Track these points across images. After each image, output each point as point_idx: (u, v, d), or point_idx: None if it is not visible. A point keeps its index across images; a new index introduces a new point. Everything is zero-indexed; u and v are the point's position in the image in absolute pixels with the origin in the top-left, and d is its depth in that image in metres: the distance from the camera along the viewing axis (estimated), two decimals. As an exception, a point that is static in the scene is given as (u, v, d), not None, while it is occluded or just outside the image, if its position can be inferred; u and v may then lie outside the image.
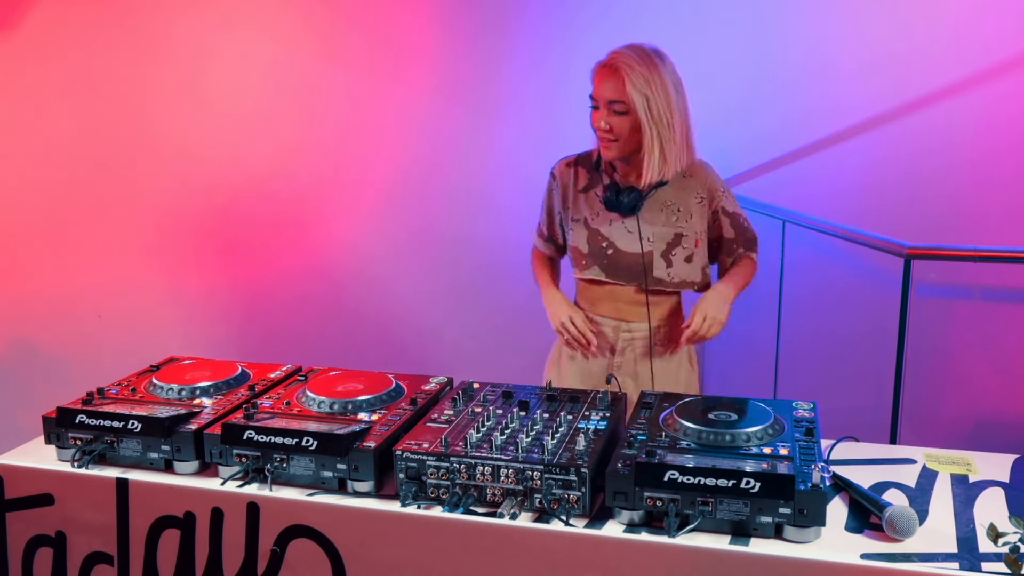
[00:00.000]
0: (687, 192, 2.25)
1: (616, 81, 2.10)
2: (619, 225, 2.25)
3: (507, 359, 2.61)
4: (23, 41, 3.66)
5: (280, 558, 1.48)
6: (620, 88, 2.10)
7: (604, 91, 2.13)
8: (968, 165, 3.06)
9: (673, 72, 2.15)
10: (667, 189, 2.24)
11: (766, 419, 1.63)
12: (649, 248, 2.23)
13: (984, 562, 1.38)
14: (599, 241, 2.26)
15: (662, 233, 2.23)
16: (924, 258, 2.63)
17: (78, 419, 1.74)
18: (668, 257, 2.23)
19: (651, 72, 2.10)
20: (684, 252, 2.24)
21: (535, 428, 1.68)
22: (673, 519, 1.43)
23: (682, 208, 2.24)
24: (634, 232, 2.23)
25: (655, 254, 2.23)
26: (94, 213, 3.77)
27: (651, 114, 2.11)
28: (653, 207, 2.24)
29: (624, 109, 2.11)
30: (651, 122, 2.11)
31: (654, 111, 2.10)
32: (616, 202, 2.21)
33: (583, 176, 2.32)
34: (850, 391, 3.10)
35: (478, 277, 3.45)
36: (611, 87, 2.11)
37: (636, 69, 2.08)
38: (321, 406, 1.79)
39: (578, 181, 2.32)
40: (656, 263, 2.23)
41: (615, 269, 2.25)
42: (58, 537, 1.61)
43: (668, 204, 2.24)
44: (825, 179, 3.20)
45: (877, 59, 3.08)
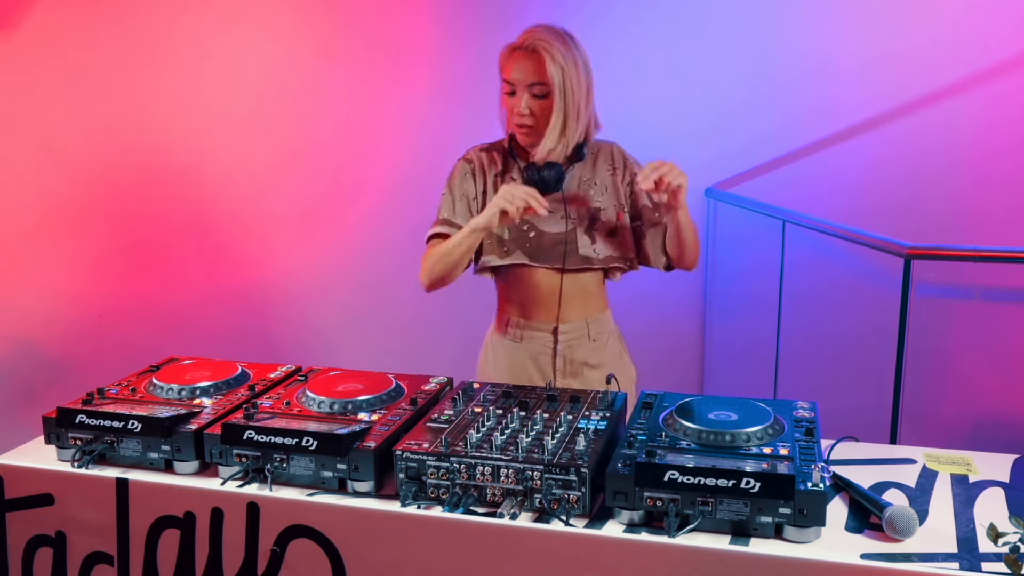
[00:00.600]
0: (599, 166, 2.21)
1: (535, 62, 2.05)
2: None
3: (507, 359, 2.61)
4: (23, 41, 3.66)
5: (280, 558, 1.48)
6: (541, 70, 2.04)
7: (522, 74, 2.07)
8: (968, 165, 3.06)
9: (583, 53, 2.12)
10: (580, 166, 2.19)
11: (766, 419, 1.63)
12: (572, 225, 2.17)
13: (984, 562, 1.38)
14: (520, 225, 2.16)
15: (581, 209, 2.18)
16: (924, 258, 2.63)
17: (78, 419, 1.74)
18: (591, 234, 2.18)
19: (568, 51, 2.06)
20: (606, 227, 2.19)
21: (535, 428, 1.68)
22: (673, 519, 1.43)
23: (597, 182, 2.20)
24: (556, 211, 2.15)
25: (578, 231, 2.17)
26: (94, 213, 3.76)
27: (565, 93, 2.06)
28: (570, 184, 2.19)
29: (545, 91, 2.06)
30: (563, 100, 2.06)
31: (567, 90, 2.06)
32: (540, 178, 2.12)
33: (498, 161, 2.23)
34: (850, 391, 3.10)
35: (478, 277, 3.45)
36: (531, 69, 2.05)
37: (556, 48, 2.04)
38: (321, 406, 1.79)
39: (494, 166, 2.23)
40: (580, 240, 2.17)
41: (538, 252, 2.17)
42: (58, 537, 1.61)
43: (584, 179, 2.19)
44: (825, 179, 3.21)
45: (877, 59, 3.09)
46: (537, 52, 2.04)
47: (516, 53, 2.09)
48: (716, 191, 3.31)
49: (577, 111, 2.09)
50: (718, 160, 3.29)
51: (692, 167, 3.29)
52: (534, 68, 2.05)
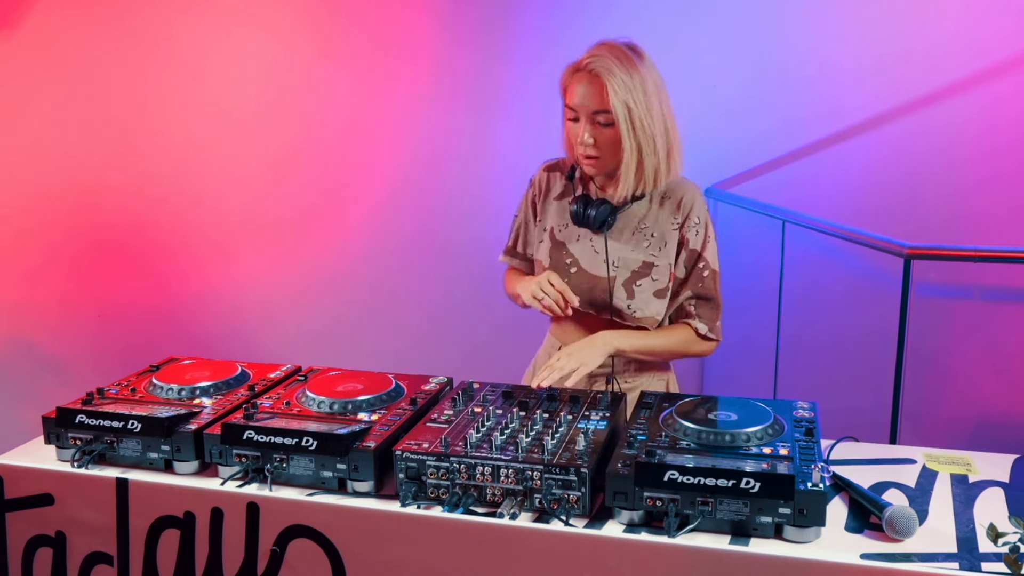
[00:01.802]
0: (665, 214, 1.99)
1: (598, 88, 1.85)
2: (587, 242, 2.01)
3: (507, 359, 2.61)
4: (23, 41, 3.66)
5: (280, 558, 1.48)
6: (604, 97, 1.85)
7: (585, 100, 1.87)
8: (968, 165, 3.06)
9: (654, 72, 1.90)
10: (644, 208, 1.98)
11: (766, 419, 1.63)
12: (612, 273, 1.97)
13: (984, 562, 1.38)
14: (563, 257, 2.02)
15: (628, 258, 1.97)
16: (924, 258, 2.63)
17: (78, 419, 1.74)
18: (631, 287, 1.97)
19: (632, 76, 1.85)
20: (653, 285, 1.97)
21: (535, 428, 1.68)
22: (673, 519, 1.43)
23: (656, 233, 1.98)
24: (601, 253, 1.98)
25: (616, 281, 1.97)
26: (94, 213, 3.77)
27: (632, 124, 1.85)
28: (625, 227, 1.99)
29: (610, 120, 1.86)
30: (631, 133, 1.86)
31: (636, 121, 1.85)
32: (584, 215, 1.95)
33: (558, 183, 2.09)
34: (850, 391, 3.10)
35: (478, 277, 3.44)
36: (594, 95, 1.86)
37: (617, 74, 1.83)
38: (321, 406, 1.79)
39: (553, 188, 2.09)
40: (617, 292, 1.96)
41: (576, 291, 1.96)
42: (58, 537, 1.61)
43: (641, 227, 1.98)
44: (825, 179, 3.20)
45: (877, 59, 3.09)
46: (599, 76, 1.84)
47: (578, 76, 1.89)
48: (716, 191, 3.31)
49: (654, 144, 1.88)
50: (718, 160, 3.28)
51: (692, 167, 3.30)
52: (597, 94, 1.86)
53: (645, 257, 1.98)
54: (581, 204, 1.96)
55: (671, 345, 1.99)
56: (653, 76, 1.89)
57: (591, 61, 1.87)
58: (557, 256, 2.03)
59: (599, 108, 1.87)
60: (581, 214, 1.96)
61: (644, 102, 1.85)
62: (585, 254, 2.01)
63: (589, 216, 1.95)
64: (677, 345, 1.99)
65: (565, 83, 1.94)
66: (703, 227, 2.00)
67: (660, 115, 1.89)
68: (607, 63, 1.84)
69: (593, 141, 1.90)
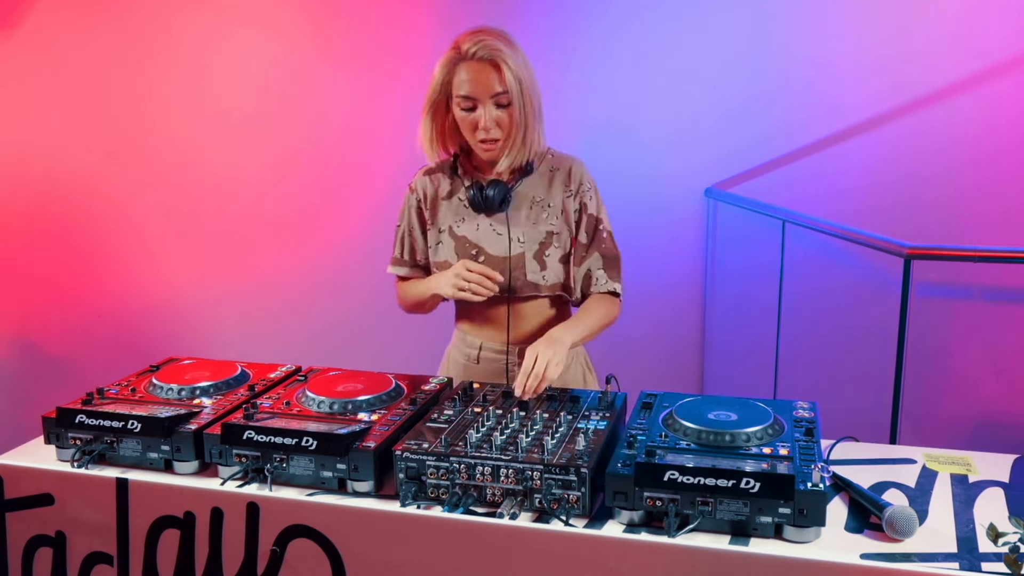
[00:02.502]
0: (555, 185, 2.07)
1: (494, 71, 1.90)
2: (487, 228, 2.06)
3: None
4: (23, 42, 3.66)
5: (280, 558, 1.48)
6: (501, 77, 1.90)
7: (481, 85, 1.91)
8: (968, 165, 3.06)
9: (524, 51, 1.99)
10: (534, 184, 2.06)
11: (766, 419, 1.63)
12: (520, 249, 2.03)
13: (984, 562, 1.38)
14: (467, 249, 2.06)
15: (532, 232, 2.04)
16: (924, 258, 2.62)
17: (78, 419, 1.74)
18: (541, 258, 2.04)
19: (516, 52, 1.93)
20: (559, 251, 2.05)
21: (535, 428, 1.68)
22: (673, 519, 1.43)
23: (552, 204, 2.06)
24: (504, 234, 2.04)
25: (527, 255, 2.03)
26: (94, 213, 3.77)
27: (523, 98, 1.93)
28: (521, 204, 2.05)
29: (508, 100, 1.92)
30: (522, 109, 1.93)
31: (525, 94, 1.93)
32: (482, 198, 2.00)
33: (444, 183, 2.12)
34: (850, 391, 3.10)
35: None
36: (490, 79, 1.90)
37: (507, 52, 1.90)
38: (321, 406, 1.79)
39: (440, 188, 2.12)
40: (529, 265, 2.03)
41: None
42: (58, 537, 1.61)
43: (537, 200, 2.06)
44: (825, 179, 3.21)
45: (877, 59, 3.09)
46: (493, 61, 1.90)
47: (465, 65, 1.93)
48: (716, 191, 3.31)
49: (535, 116, 1.98)
50: (718, 160, 3.29)
51: (692, 167, 3.31)
52: (491, 78, 1.91)
53: (547, 227, 2.06)
54: (476, 189, 2.02)
55: (602, 320, 2.03)
56: (526, 57, 1.98)
57: (477, 48, 1.91)
58: (462, 251, 2.08)
59: (499, 89, 1.92)
60: (479, 198, 2.02)
61: (529, 77, 1.95)
62: (487, 239, 2.06)
63: (487, 197, 2.01)
64: (605, 318, 2.04)
65: (445, 77, 1.97)
66: (594, 192, 2.10)
67: (536, 88, 1.98)
68: (494, 44, 1.91)
69: (495, 124, 1.95)
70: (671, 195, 3.35)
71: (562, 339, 1.88)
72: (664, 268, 3.41)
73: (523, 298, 2.08)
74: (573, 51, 3.30)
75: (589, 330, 1.99)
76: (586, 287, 2.09)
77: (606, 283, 2.08)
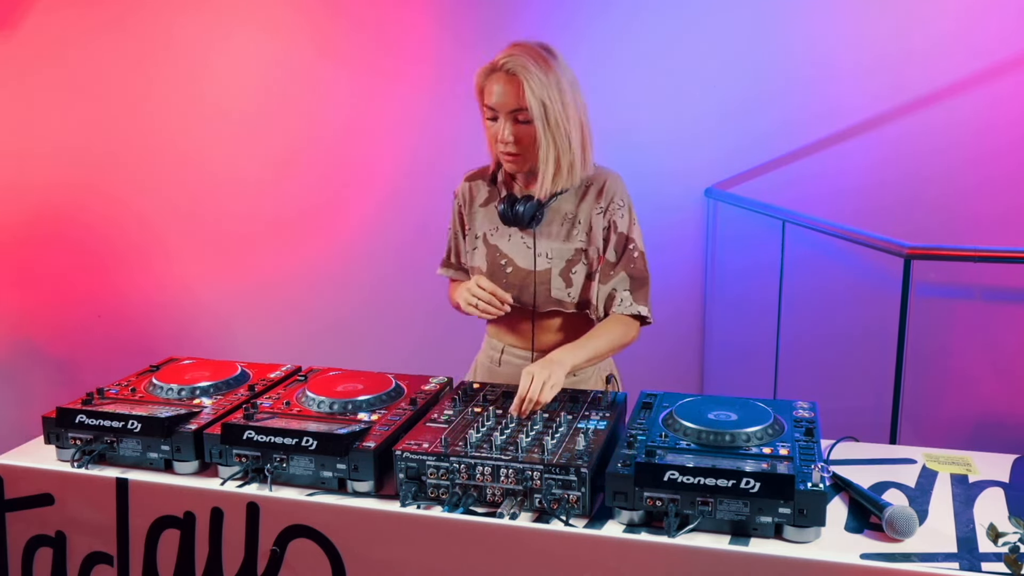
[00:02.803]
0: (587, 202, 2.04)
1: (515, 87, 1.88)
2: (518, 240, 2.06)
3: (507, 359, 2.62)
4: (22, 42, 3.66)
5: (280, 558, 1.48)
6: (520, 95, 1.88)
7: (503, 99, 1.90)
8: (968, 165, 3.06)
9: (567, 70, 1.94)
10: (567, 199, 2.03)
11: (766, 419, 1.63)
12: (547, 265, 2.03)
13: (984, 562, 1.38)
14: (498, 259, 2.07)
15: (561, 249, 2.03)
16: (924, 258, 2.62)
17: (78, 419, 1.74)
18: (568, 276, 2.02)
19: (547, 74, 1.88)
20: (585, 269, 2.04)
21: (535, 428, 1.68)
22: (673, 519, 1.43)
23: (582, 220, 2.03)
24: (532, 248, 2.04)
25: (553, 272, 2.02)
26: (94, 213, 3.77)
27: (548, 121, 1.90)
28: (552, 220, 2.04)
29: (528, 118, 1.90)
30: (547, 130, 1.90)
31: (551, 118, 1.89)
32: (512, 214, 2.00)
33: (482, 190, 2.13)
34: (850, 391, 3.10)
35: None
36: (511, 93, 1.89)
37: (533, 72, 1.87)
38: (321, 406, 1.79)
39: (478, 196, 2.13)
40: (554, 282, 2.02)
41: (511, 287, 2.04)
42: (58, 537, 1.61)
43: (568, 216, 2.04)
44: (825, 179, 3.21)
45: (877, 59, 3.09)
46: (516, 75, 1.88)
47: (495, 76, 1.92)
48: (716, 191, 3.31)
49: (569, 141, 1.93)
50: (718, 160, 3.29)
51: (692, 167, 3.31)
52: (514, 92, 1.89)
53: (576, 245, 2.04)
54: (508, 204, 2.02)
55: (614, 342, 2.00)
56: (567, 74, 1.94)
57: (507, 61, 1.90)
58: (492, 259, 2.08)
59: (517, 106, 1.90)
60: (509, 213, 2.02)
61: (559, 99, 1.90)
62: (518, 251, 2.06)
63: (517, 213, 2.00)
64: (618, 340, 2.01)
65: (481, 84, 1.97)
66: (627, 210, 2.06)
67: (575, 112, 1.94)
68: (523, 62, 1.88)
69: (513, 139, 1.94)
70: (671, 195, 3.35)
71: (562, 361, 1.85)
72: (664, 268, 3.40)
73: (546, 312, 2.06)
74: (573, 51, 3.27)
75: (596, 352, 1.95)
76: (608, 306, 2.05)
77: (631, 305, 2.03)
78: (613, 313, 2.04)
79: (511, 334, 2.15)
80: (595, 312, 2.07)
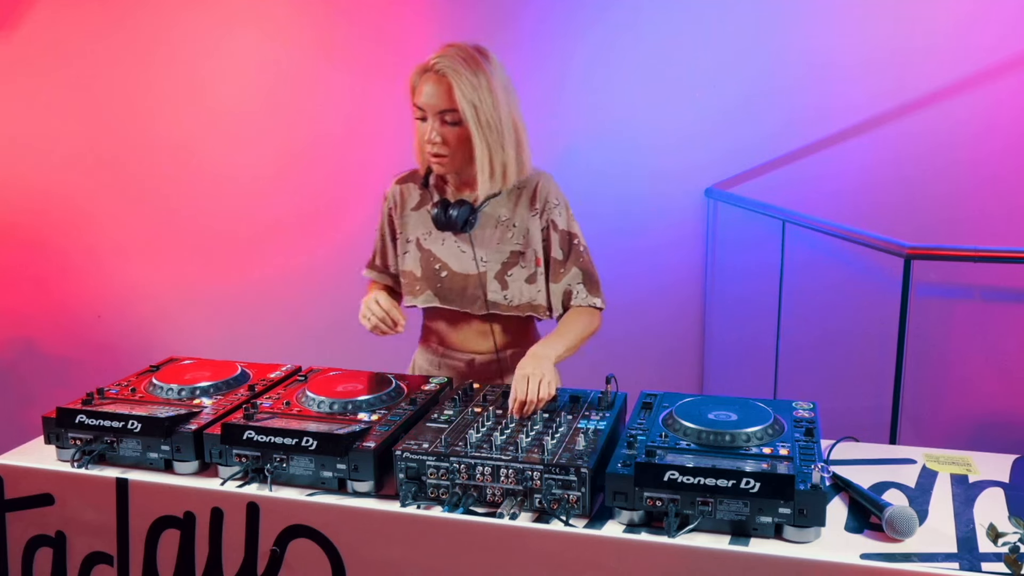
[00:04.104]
0: (522, 205, 2.05)
1: (445, 88, 1.89)
2: (452, 245, 2.06)
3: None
4: (22, 42, 3.66)
5: (280, 558, 1.48)
6: (451, 96, 1.89)
7: (433, 99, 1.91)
8: (968, 165, 3.06)
9: (500, 71, 1.95)
10: (500, 203, 2.04)
11: (766, 419, 1.63)
12: (483, 269, 2.03)
13: (984, 562, 1.38)
14: (432, 263, 2.07)
15: (496, 253, 2.04)
16: (924, 258, 2.62)
17: (78, 419, 1.74)
18: (503, 279, 2.03)
19: (477, 75, 1.89)
20: (524, 272, 2.04)
21: (535, 428, 1.68)
22: (673, 519, 1.43)
23: (517, 223, 2.04)
24: (468, 252, 2.04)
25: (488, 275, 2.03)
26: (94, 214, 3.77)
27: (480, 123, 1.90)
28: (485, 224, 2.04)
29: (457, 119, 1.90)
30: (480, 132, 1.90)
31: (483, 119, 1.90)
32: (446, 218, 2.00)
33: (414, 194, 2.12)
34: (850, 391, 3.10)
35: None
36: (441, 95, 1.89)
37: (463, 73, 1.88)
38: (321, 406, 1.79)
39: (409, 199, 2.13)
40: (490, 285, 2.03)
41: (449, 293, 2.06)
42: (58, 537, 1.61)
43: (502, 220, 2.04)
44: (825, 179, 3.21)
45: (877, 59, 3.09)
46: (445, 76, 1.88)
47: (426, 76, 1.92)
48: (716, 191, 3.31)
49: (502, 145, 1.94)
50: (718, 160, 3.29)
51: (692, 167, 3.31)
52: (444, 93, 1.90)
53: (512, 247, 2.04)
54: (441, 209, 2.01)
55: (582, 333, 2.01)
56: (499, 76, 1.94)
57: (438, 62, 1.90)
58: (426, 264, 2.08)
59: (445, 107, 1.91)
60: (443, 217, 2.01)
61: (490, 100, 1.90)
62: (452, 256, 2.06)
63: (451, 218, 2.00)
64: (584, 330, 2.02)
65: (413, 84, 1.97)
66: (564, 208, 2.07)
67: (508, 113, 1.94)
68: (453, 63, 1.89)
69: (441, 139, 1.94)
70: (671, 195, 3.35)
71: (547, 355, 1.86)
72: (664, 268, 3.41)
73: (485, 316, 2.08)
74: (573, 51, 3.30)
75: (571, 343, 1.97)
76: (567, 302, 2.08)
77: (586, 297, 2.06)
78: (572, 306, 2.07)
79: (449, 337, 2.15)
80: (554, 311, 2.09)
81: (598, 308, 2.08)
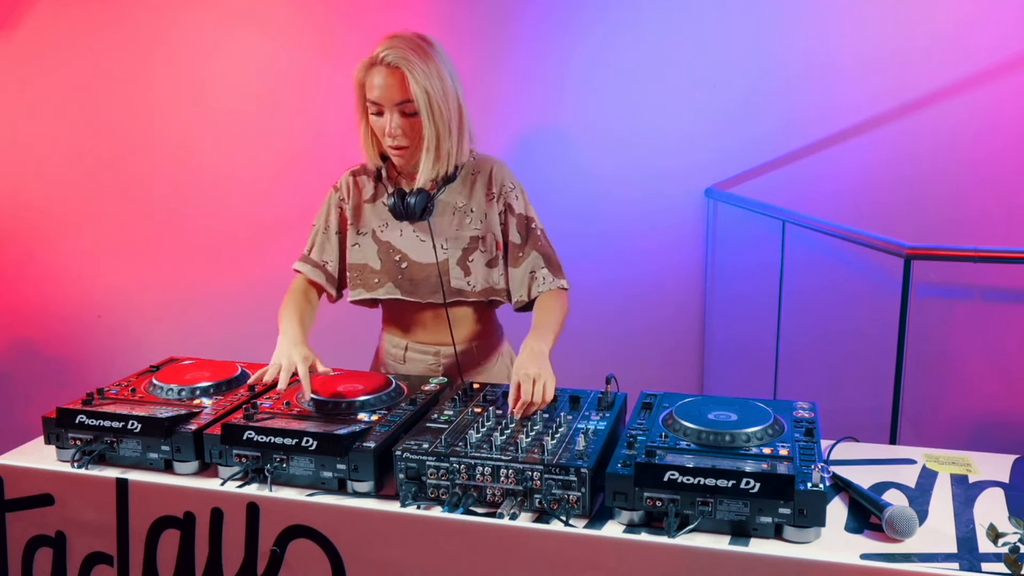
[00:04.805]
0: (478, 191, 2.07)
1: (398, 79, 1.89)
2: (411, 235, 2.07)
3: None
4: (22, 42, 3.66)
5: (280, 558, 1.48)
6: (405, 86, 1.89)
7: (388, 92, 1.90)
8: (968, 165, 3.06)
9: (446, 59, 1.97)
10: (456, 190, 2.06)
11: (766, 419, 1.63)
12: (444, 256, 2.04)
13: (984, 562, 1.38)
14: (391, 255, 2.07)
15: (456, 239, 2.05)
16: (924, 258, 2.62)
17: (78, 419, 1.74)
18: (465, 264, 2.05)
19: (427, 64, 1.90)
20: (484, 256, 2.06)
21: (535, 428, 1.68)
22: (673, 519, 1.43)
23: (475, 208, 2.06)
24: (427, 241, 2.04)
25: (451, 262, 2.04)
26: (94, 214, 3.77)
27: (431, 110, 1.91)
28: (444, 211, 2.05)
29: (414, 109, 1.91)
30: (431, 119, 1.91)
31: (434, 106, 1.91)
32: (403, 207, 2.00)
33: (368, 186, 2.12)
34: (850, 391, 3.10)
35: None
36: (395, 86, 1.90)
37: (414, 62, 1.88)
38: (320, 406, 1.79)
39: (364, 190, 2.12)
40: (453, 272, 2.04)
41: (411, 284, 2.07)
42: (58, 537, 1.61)
43: (459, 206, 2.06)
44: (825, 179, 3.20)
45: (877, 59, 3.09)
46: (399, 67, 1.89)
47: (376, 69, 1.92)
48: (716, 191, 3.31)
49: (449, 130, 1.95)
50: (718, 160, 3.28)
51: (692, 167, 3.31)
52: (398, 85, 1.90)
53: (471, 232, 2.06)
54: (398, 197, 2.01)
55: (562, 317, 2.02)
56: (446, 63, 1.96)
57: (388, 53, 1.90)
58: (385, 255, 2.08)
59: (402, 98, 1.91)
60: (400, 206, 2.01)
61: (440, 87, 1.92)
62: (412, 246, 2.07)
63: (408, 206, 2.00)
64: (562, 313, 2.02)
65: (361, 79, 1.96)
66: (519, 191, 2.10)
67: (455, 99, 1.96)
68: (404, 54, 1.89)
69: (401, 131, 1.94)
70: (671, 195, 3.35)
71: (542, 351, 1.86)
72: (664, 268, 3.41)
73: (450, 304, 2.08)
74: (573, 51, 3.30)
75: (557, 330, 1.97)
76: (530, 285, 2.08)
77: (552, 281, 2.07)
78: (539, 292, 2.06)
79: (415, 329, 2.15)
80: (515, 296, 2.09)
81: (565, 289, 2.08)
